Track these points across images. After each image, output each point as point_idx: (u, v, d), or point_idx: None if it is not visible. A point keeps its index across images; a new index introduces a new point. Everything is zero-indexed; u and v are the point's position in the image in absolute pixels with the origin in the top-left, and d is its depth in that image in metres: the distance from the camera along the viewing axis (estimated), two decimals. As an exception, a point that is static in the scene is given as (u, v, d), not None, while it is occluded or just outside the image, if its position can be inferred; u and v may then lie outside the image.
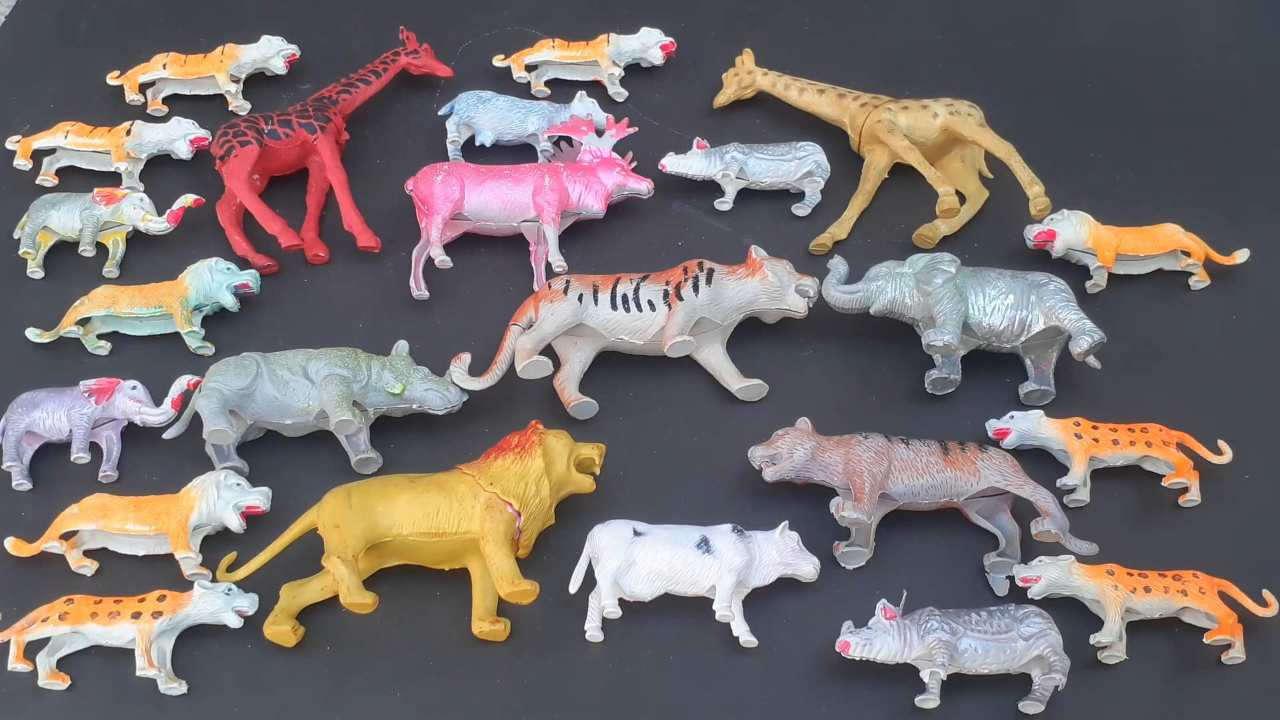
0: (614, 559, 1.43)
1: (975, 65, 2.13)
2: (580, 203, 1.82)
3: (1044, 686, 1.37)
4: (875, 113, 1.88)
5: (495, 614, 1.44)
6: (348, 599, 1.38)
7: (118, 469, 1.60)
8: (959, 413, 1.65)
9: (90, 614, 1.42)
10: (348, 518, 1.42)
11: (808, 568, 1.46)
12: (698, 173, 1.89)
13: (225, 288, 1.73)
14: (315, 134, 1.88)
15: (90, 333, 1.73)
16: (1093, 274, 1.77)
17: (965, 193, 1.89)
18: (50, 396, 1.61)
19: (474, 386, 1.61)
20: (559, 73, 2.09)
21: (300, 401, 1.57)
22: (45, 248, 1.84)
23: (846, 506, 1.47)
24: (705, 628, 1.44)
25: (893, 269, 1.67)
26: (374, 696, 1.41)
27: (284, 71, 2.09)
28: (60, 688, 1.41)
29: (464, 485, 1.46)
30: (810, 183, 1.89)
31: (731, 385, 1.66)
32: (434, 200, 1.79)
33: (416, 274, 1.79)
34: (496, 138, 1.97)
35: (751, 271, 1.66)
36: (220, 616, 1.43)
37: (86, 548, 1.52)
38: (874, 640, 1.37)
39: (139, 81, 2.06)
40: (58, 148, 1.96)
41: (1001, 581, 1.49)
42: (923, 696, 1.37)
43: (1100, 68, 2.12)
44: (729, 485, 1.58)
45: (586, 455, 1.52)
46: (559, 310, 1.63)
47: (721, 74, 2.05)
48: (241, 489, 1.51)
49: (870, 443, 1.50)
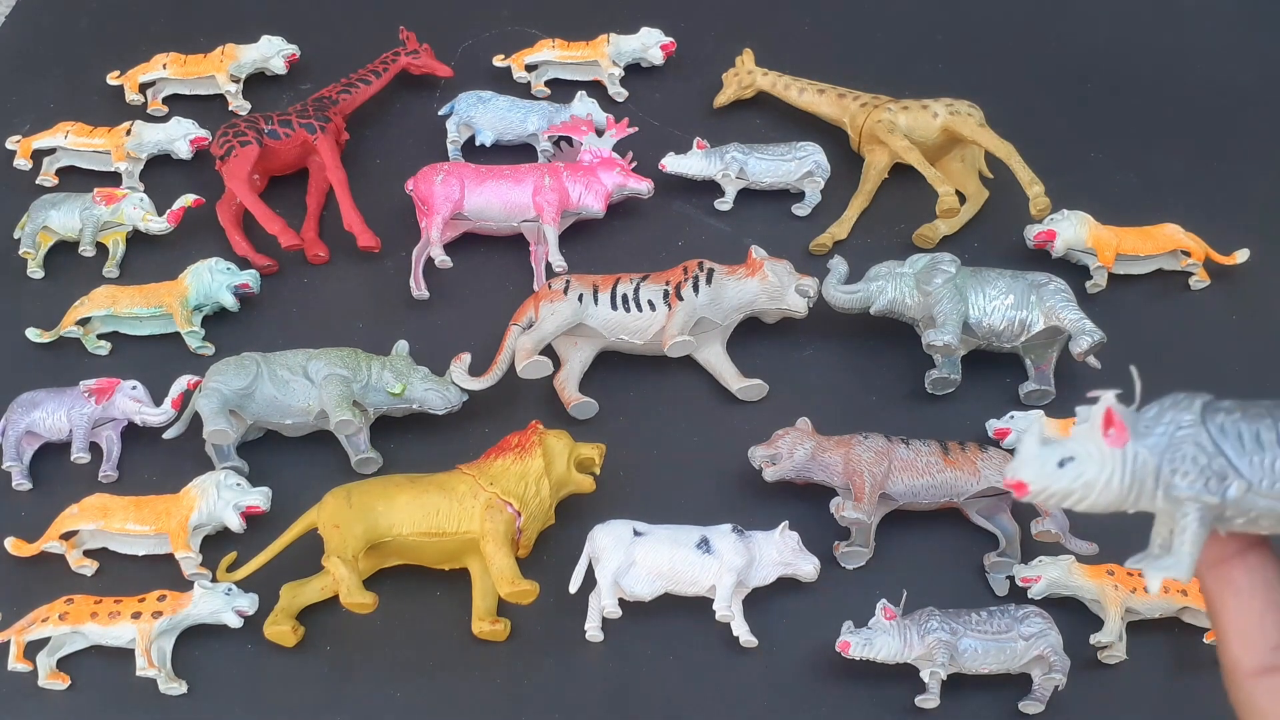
0: (614, 559, 1.42)
1: (975, 65, 2.13)
2: (580, 203, 1.82)
3: (1044, 686, 1.37)
4: (875, 113, 1.88)
5: (495, 614, 1.44)
6: (348, 599, 1.38)
7: (118, 469, 1.60)
8: (959, 413, 1.65)
9: (90, 614, 1.41)
10: (348, 518, 1.42)
11: (808, 568, 1.46)
12: (698, 173, 1.88)
13: (225, 288, 1.73)
14: (315, 134, 1.87)
15: (90, 333, 1.73)
16: (1093, 274, 1.77)
17: (965, 193, 1.88)
18: (50, 396, 1.61)
19: (474, 386, 1.60)
20: (559, 73, 2.09)
21: (300, 401, 1.57)
22: (45, 248, 1.84)
23: (846, 506, 1.47)
24: (705, 628, 1.44)
25: (893, 269, 1.67)
26: (374, 696, 1.41)
27: (284, 71, 2.09)
28: (60, 688, 1.41)
29: (464, 485, 1.45)
30: (810, 183, 1.89)
31: (731, 385, 1.66)
32: (434, 200, 1.78)
33: (416, 274, 1.79)
34: (496, 138, 1.97)
35: (751, 271, 1.66)
36: (220, 616, 1.42)
37: (86, 548, 1.51)
38: (874, 640, 1.37)
39: (139, 81, 2.05)
40: (58, 148, 1.96)
41: (1001, 581, 1.49)
42: (923, 696, 1.37)
43: (1100, 68, 2.12)
44: (729, 485, 1.58)
45: (586, 455, 1.52)
46: (559, 310, 1.63)
47: (721, 74, 2.05)
48: (241, 489, 1.50)
49: (870, 443, 1.50)
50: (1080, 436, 0.51)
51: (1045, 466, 0.52)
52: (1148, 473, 0.51)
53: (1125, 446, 0.51)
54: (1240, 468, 0.50)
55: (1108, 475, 0.51)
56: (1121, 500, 0.52)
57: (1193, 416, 0.51)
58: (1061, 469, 0.51)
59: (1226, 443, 0.51)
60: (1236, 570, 0.50)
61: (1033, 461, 0.52)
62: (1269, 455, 0.50)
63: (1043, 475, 0.51)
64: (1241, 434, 0.51)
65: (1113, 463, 0.51)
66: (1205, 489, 0.50)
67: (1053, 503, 0.52)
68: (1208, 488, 0.50)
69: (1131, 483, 0.51)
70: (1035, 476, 0.52)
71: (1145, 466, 0.51)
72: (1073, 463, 0.51)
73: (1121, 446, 0.51)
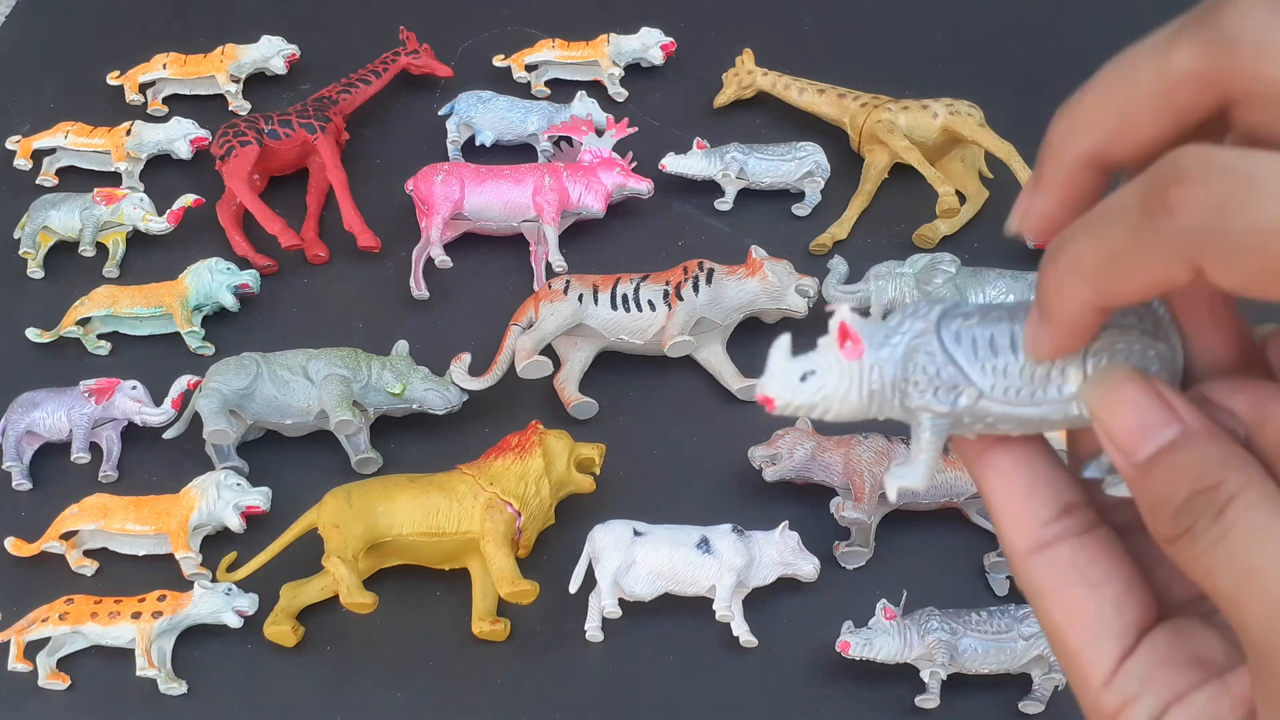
0: (614, 559, 1.42)
1: (975, 65, 2.13)
2: (580, 203, 1.82)
3: (1044, 686, 1.37)
4: (875, 113, 1.88)
5: (495, 614, 1.44)
6: (348, 599, 1.38)
7: (118, 469, 1.60)
8: (959, 413, 1.64)
9: (90, 614, 1.41)
10: (348, 518, 1.42)
11: (808, 568, 1.45)
12: (698, 173, 1.88)
13: (225, 288, 1.72)
14: (315, 134, 1.87)
15: (90, 333, 1.73)
16: (1093, 274, 1.77)
17: (965, 193, 1.88)
18: (50, 396, 1.60)
19: (474, 386, 1.60)
20: (559, 73, 2.09)
21: (300, 401, 1.57)
22: (45, 248, 1.84)
23: (846, 506, 1.47)
24: (705, 628, 1.44)
25: (893, 269, 1.67)
26: (374, 696, 1.41)
27: (284, 71, 2.08)
28: (60, 688, 1.41)
29: (464, 485, 1.45)
30: (810, 183, 1.89)
31: (731, 385, 1.65)
32: (434, 200, 1.78)
33: (416, 274, 1.79)
34: (496, 138, 1.97)
35: (751, 271, 1.66)
36: (220, 616, 1.42)
37: (86, 548, 1.51)
38: (874, 640, 1.36)
39: (139, 81, 2.05)
40: (58, 148, 1.96)
41: (1001, 581, 1.49)
42: (923, 696, 1.37)
43: (1100, 68, 2.12)
44: (729, 485, 1.58)
45: (586, 455, 1.52)
46: (559, 310, 1.62)
47: (721, 74, 2.05)
48: (241, 489, 1.50)
49: (870, 443, 1.50)
50: (822, 349, 0.51)
51: (789, 381, 0.51)
52: (885, 383, 0.51)
53: (862, 358, 0.51)
54: (971, 375, 0.49)
55: (845, 388, 0.51)
56: (865, 411, 0.52)
57: (926, 324, 0.51)
58: (804, 382, 0.51)
59: (960, 350, 0.50)
60: (999, 455, 0.50)
61: (778, 376, 0.51)
62: (1001, 360, 0.49)
63: (786, 389, 0.51)
64: (975, 339, 0.50)
65: (850, 374, 0.51)
66: (935, 398, 0.50)
67: (801, 414, 0.52)
68: (937, 397, 0.50)
69: (870, 394, 0.51)
70: (779, 391, 0.51)
71: (882, 377, 0.51)
72: (814, 376, 0.51)
73: (858, 359, 0.51)
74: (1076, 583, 0.47)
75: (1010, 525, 0.49)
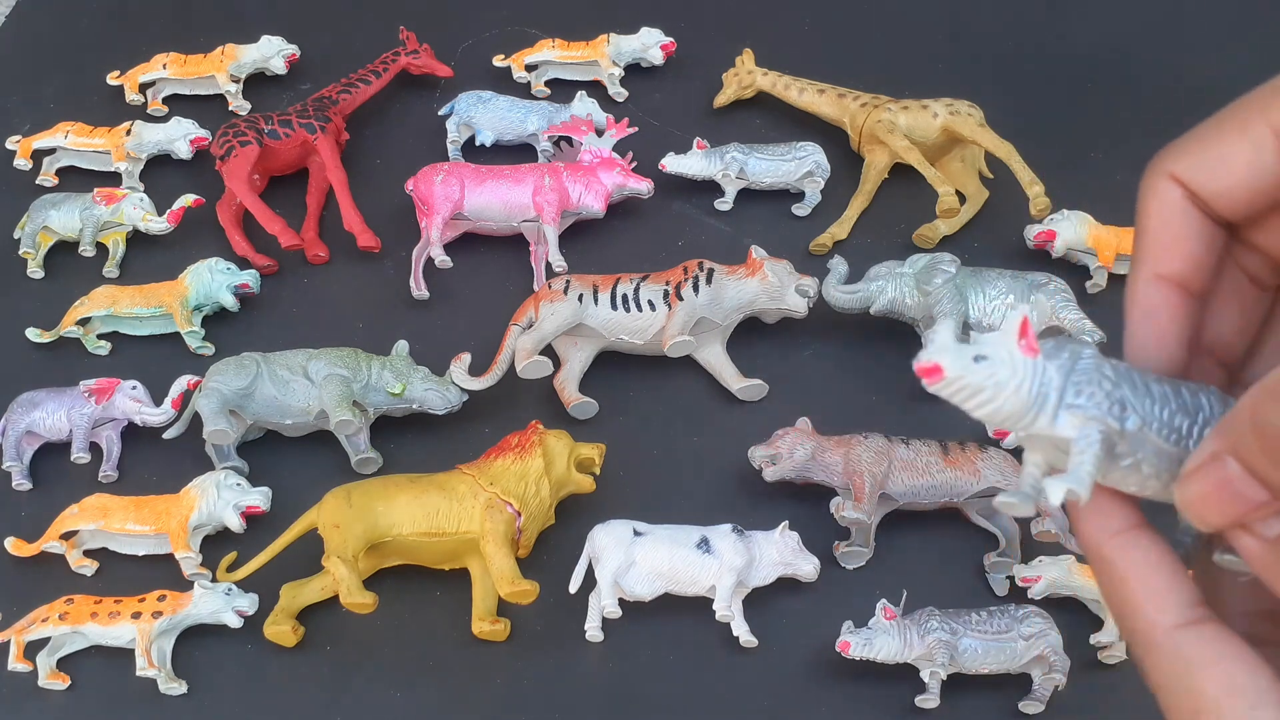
0: (614, 559, 1.42)
1: (975, 65, 2.13)
2: (580, 203, 1.82)
3: (1044, 686, 1.37)
4: (875, 113, 1.88)
5: (495, 614, 1.44)
6: (348, 599, 1.38)
7: (118, 469, 1.60)
8: (959, 413, 1.62)
9: (90, 614, 1.41)
10: (348, 518, 1.42)
11: (808, 568, 1.46)
12: (698, 173, 1.88)
13: (225, 288, 1.72)
14: (315, 134, 1.87)
15: (90, 333, 1.73)
16: (1093, 274, 1.77)
17: (965, 193, 1.88)
18: (50, 396, 1.60)
19: (474, 386, 1.60)
20: (559, 73, 2.09)
21: (300, 401, 1.57)
22: (45, 248, 1.84)
23: (846, 506, 1.47)
24: (705, 628, 1.44)
25: (893, 269, 1.67)
26: (374, 696, 1.41)
27: (284, 71, 2.08)
28: (60, 688, 1.41)
29: (464, 485, 1.45)
30: (810, 183, 1.89)
31: (731, 385, 1.65)
32: (434, 200, 1.78)
33: (416, 274, 1.79)
34: (496, 138, 1.97)
35: (751, 271, 1.66)
36: (220, 616, 1.42)
37: (86, 548, 1.51)
38: (874, 640, 1.37)
39: (139, 81, 2.05)
40: (58, 148, 1.96)
41: (1001, 581, 1.49)
42: (923, 696, 1.37)
43: (1100, 68, 2.12)
44: (729, 485, 1.58)
45: (586, 455, 1.52)
46: (559, 310, 1.62)
47: (721, 74, 2.05)
48: (241, 489, 1.50)
49: (870, 443, 1.50)
50: (993, 340, 0.52)
51: (962, 358, 0.51)
52: (1052, 387, 0.52)
53: (1036, 358, 0.52)
54: (1136, 405, 0.52)
55: (1018, 381, 0.51)
56: (1024, 410, 0.52)
57: (1093, 351, 0.53)
58: (976, 364, 0.51)
59: (1123, 381, 0.52)
60: (1141, 538, 0.51)
61: (950, 350, 0.51)
62: (1158, 405, 0.52)
63: (959, 364, 0.51)
64: (1134, 378, 0.52)
65: (1024, 369, 0.51)
66: (1109, 413, 0.51)
67: (960, 397, 0.52)
68: (1110, 412, 0.51)
69: (1037, 393, 0.51)
70: (952, 364, 0.51)
71: (1051, 382, 0.52)
72: (987, 361, 0.51)
73: (1034, 357, 0.52)
74: (1230, 656, 0.49)
75: (1153, 604, 0.51)
